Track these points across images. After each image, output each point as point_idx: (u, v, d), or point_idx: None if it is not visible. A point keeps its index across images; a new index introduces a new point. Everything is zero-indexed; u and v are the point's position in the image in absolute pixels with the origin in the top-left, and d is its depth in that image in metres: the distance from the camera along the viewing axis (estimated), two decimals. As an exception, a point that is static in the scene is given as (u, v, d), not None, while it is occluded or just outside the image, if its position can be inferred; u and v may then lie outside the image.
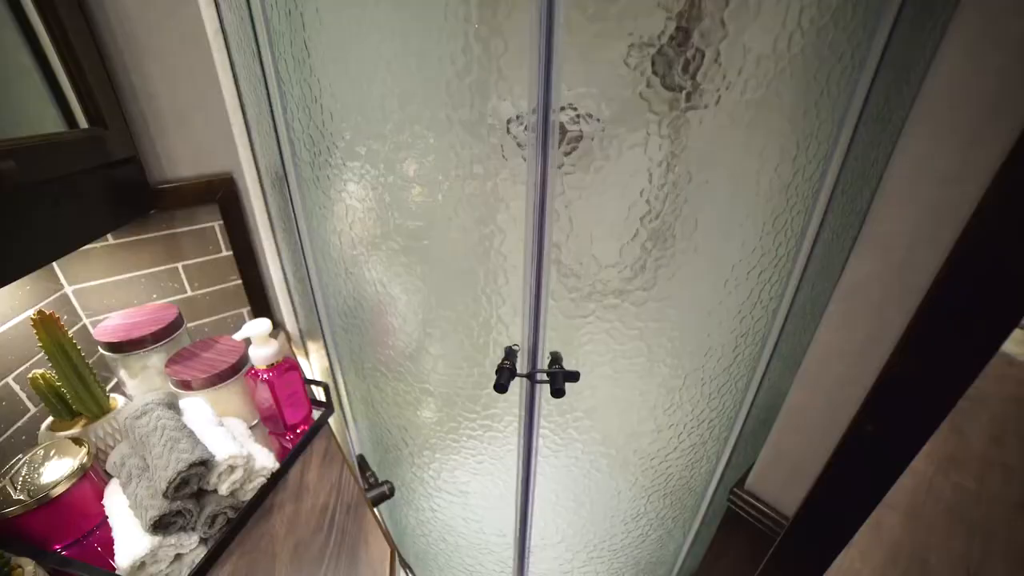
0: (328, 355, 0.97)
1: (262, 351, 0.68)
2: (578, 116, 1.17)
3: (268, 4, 0.61)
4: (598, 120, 1.15)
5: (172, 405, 0.61)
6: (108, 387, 0.76)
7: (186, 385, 0.67)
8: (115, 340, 0.67)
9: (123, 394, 0.71)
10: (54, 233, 0.57)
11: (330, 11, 0.62)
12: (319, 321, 0.92)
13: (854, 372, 0.63)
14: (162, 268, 0.83)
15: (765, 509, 0.73)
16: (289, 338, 1.01)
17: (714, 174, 0.93)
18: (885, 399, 0.59)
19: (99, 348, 0.69)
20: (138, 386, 0.71)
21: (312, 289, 0.88)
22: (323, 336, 0.95)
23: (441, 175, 1.31)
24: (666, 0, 0.68)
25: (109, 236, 0.76)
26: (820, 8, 0.52)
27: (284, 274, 0.95)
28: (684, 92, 0.67)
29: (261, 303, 0.95)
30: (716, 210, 0.95)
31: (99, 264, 0.76)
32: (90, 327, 0.78)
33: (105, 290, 0.78)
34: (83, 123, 0.64)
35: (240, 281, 0.92)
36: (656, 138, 0.88)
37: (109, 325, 0.71)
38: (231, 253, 0.89)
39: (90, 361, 0.61)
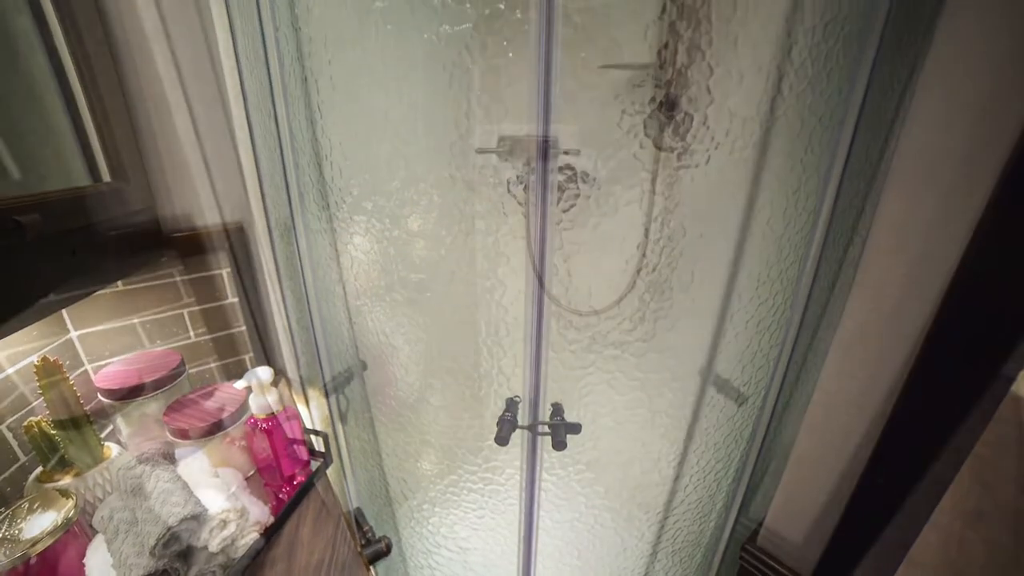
0: (328, 403, 0.96)
1: (262, 400, 0.68)
2: (574, 175, 1.22)
3: (286, 71, 0.66)
4: (594, 179, 1.20)
5: (167, 456, 0.60)
6: (103, 433, 0.75)
7: (183, 434, 0.66)
8: (115, 387, 0.67)
9: (117, 442, 0.69)
10: (69, 281, 0.58)
11: (342, 78, 0.67)
12: (321, 369, 0.91)
13: (859, 421, 0.62)
14: (168, 313, 0.84)
15: (780, 568, 0.70)
16: (290, 385, 1.00)
17: (708, 228, 0.96)
18: (893, 448, 0.59)
19: (98, 395, 0.68)
20: (134, 433, 0.70)
21: (315, 337, 0.89)
22: (324, 384, 0.94)
23: (444, 230, 1.35)
24: (656, 72, 0.74)
25: (119, 282, 0.77)
26: (798, 76, 0.57)
27: (288, 321, 0.96)
28: (675, 152, 0.70)
29: (264, 349, 0.95)
30: (712, 263, 0.98)
31: (106, 309, 0.77)
32: (91, 372, 0.77)
33: (110, 335, 0.79)
34: (106, 177, 0.67)
35: (244, 328, 0.92)
36: (650, 195, 0.92)
37: (110, 371, 0.71)
38: (237, 300, 0.90)
39: (88, 407, 0.61)
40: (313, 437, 0.81)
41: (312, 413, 1.05)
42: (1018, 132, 0.45)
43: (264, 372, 0.68)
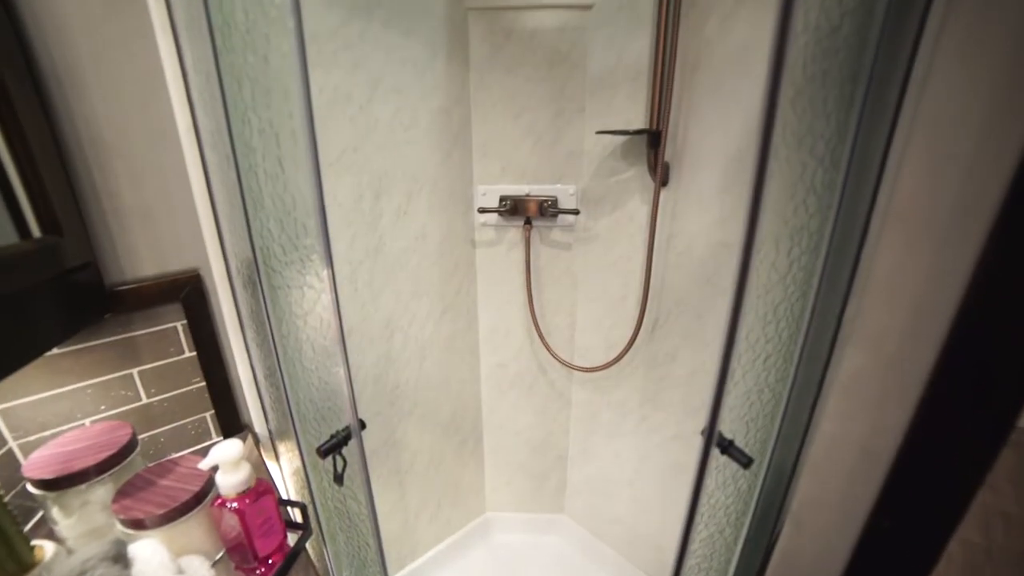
0: (302, 457, 0.89)
1: (232, 478, 0.60)
2: (558, 211, 1.22)
3: (242, 118, 0.59)
4: (595, 236, 1.21)
5: (119, 557, 0.52)
6: (32, 522, 0.65)
7: (138, 524, 0.58)
8: (49, 477, 0.58)
9: (53, 538, 0.60)
10: (-11, 362, 0.49)
11: (305, 133, 0.61)
12: (292, 422, 0.84)
13: (864, 465, 0.62)
14: (114, 376, 0.74)
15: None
16: (257, 441, 0.92)
17: (705, 286, 0.96)
18: (901, 490, 0.58)
19: (27, 485, 0.59)
20: (74, 526, 0.61)
21: (285, 389, 0.81)
22: (296, 437, 0.87)
23: (444, 286, 1.31)
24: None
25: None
26: (800, 121, 0.55)
27: (253, 373, 0.87)
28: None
29: (227, 405, 0.86)
30: (709, 319, 0.97)
31: (37, 378, 0.67)
32: (18, 452, 0.67)
33: (42, 406, 0.69)
34: (35, 232, 0.58)
35: (204, 383, 0.83)
36: (648, 251, 0.90)
37: (42, 456, 0.61)
38: (194, 354, 0.81)
39: (12, 493, 0.52)
40: (290, 508, 0.73)
41: (283, 467, 0.97)
42: (1009, 177, 0.45)
43: (232, 448, 0.61)
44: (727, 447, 0.66)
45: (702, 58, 0.97)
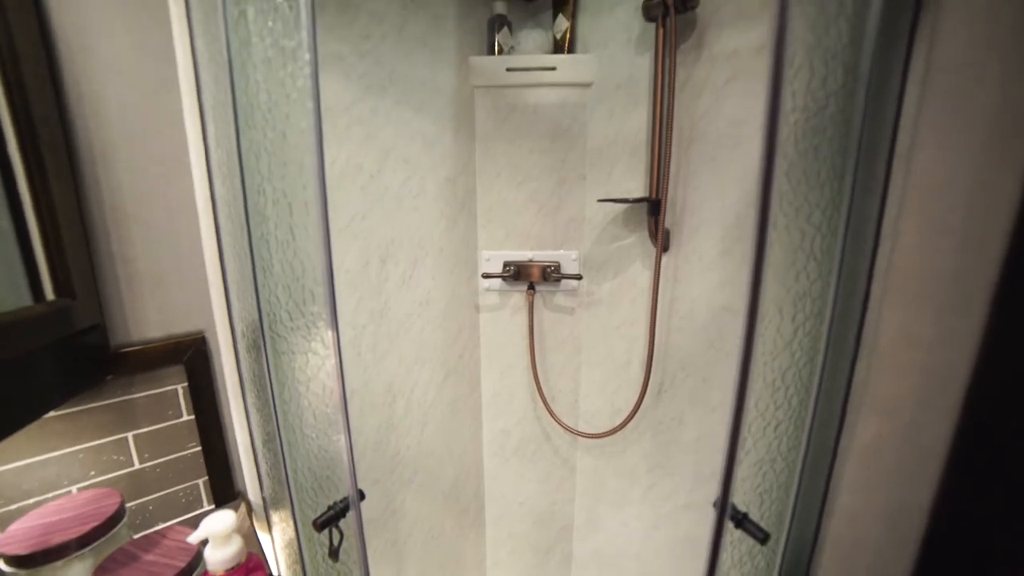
0: (296, 529, 0.84)
1: (221, 553, 0.57)
2: (561, 276, 1.24)
3: (258, 188, 0.62)
4: (599, 301, 1.24)
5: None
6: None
7: (116, 606, 0.54)
8: (23, 552, 0.54)
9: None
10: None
11: (317, 203, 0.64)
12: (289, 491, 0.81)
13: (891, 540, 0.58)
14: (108, 439, 0.72)
15: None
16: (250, 509, 0.88)
17: (711, 351, 0.96)
18: (934, 569, 0.54)
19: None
20: (50, 605, 0.57)
21: (283, 456, 0.79)
22: (292, 507, 0.83)
23: (447, 352, 1.31)
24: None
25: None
26: (795, 192, 0.58)
27: (251, 439, 0.85)
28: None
29: (221, 471, 0.84)
30: (716, 385, 0.96)
31: (27, 442, 0.66)
32: None
33: (30, 471, 0.66)
34: (49, 294, 0.59)
35: (199, 448, 0.81)
36: (651, 316, 0.91)
37: (20, 529, 0.58)
38: (193, 417, 0.80)
39: None
40: (279, 586, 0.69)
41: (275, 538, 0.92)
42: (1003, 245, 0.46)
43: (223, 520, 0.58)
44: (741, 520, 0.63)
45: (696, 132, 1.02)
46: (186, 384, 0.78)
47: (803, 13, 0.48)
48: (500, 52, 1.17)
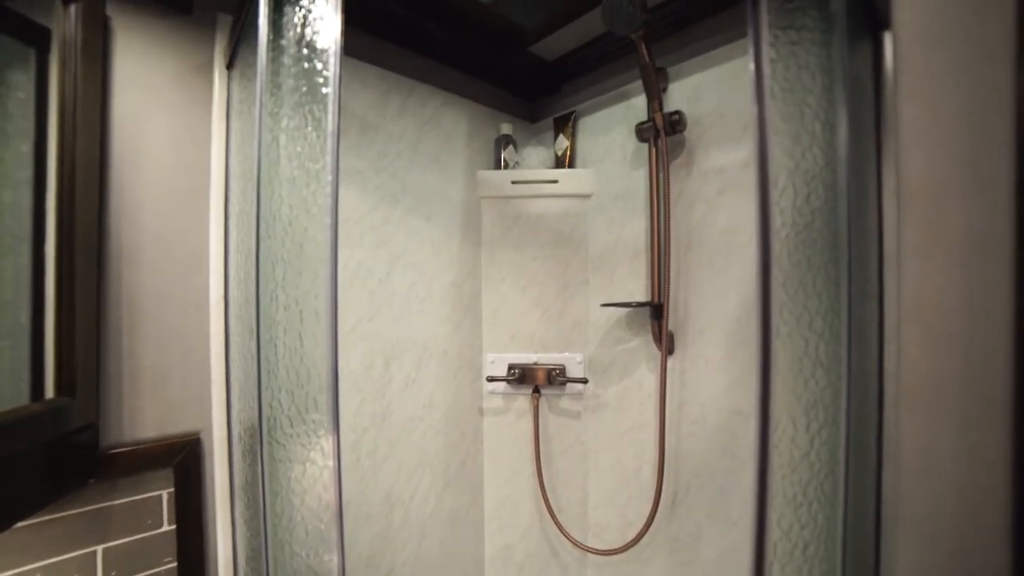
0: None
1: None
2: (566, 379, 1.23)
3: (271, 294, 0.64)
4: (605, 404, 1.22)
5: None
6: None
7: None
8: None
9: None
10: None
11: (327, 313, 0.66)
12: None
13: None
14: (73, 554, 0.67)
15: None
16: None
17: (725, 450, 0.92)
18: None
19: None
20: None
21: (268, 572, 0.72)
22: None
23: (450, 457, 1.28)
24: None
25: (24, 520, 0.63)
26: (794, 301, 0.59)
27: (234, 554, 0.79)
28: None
29: (194, 593, 0.76)
30: (735, 487, 0.91)
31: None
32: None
33: (-17, 592, 0.61)
34: (49, 391, 0.59)
35: (174, 564, 0.74)
36: (660, 422, 0.88)
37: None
38: (173, 527, 0.74)
39: None
40: None
41: None
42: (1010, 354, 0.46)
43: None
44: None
45: (693, 238, 1.07)
46: (172, 490, 0.74)
47: (780, 143, 0.54)
48: (506, 167, 1.28)
